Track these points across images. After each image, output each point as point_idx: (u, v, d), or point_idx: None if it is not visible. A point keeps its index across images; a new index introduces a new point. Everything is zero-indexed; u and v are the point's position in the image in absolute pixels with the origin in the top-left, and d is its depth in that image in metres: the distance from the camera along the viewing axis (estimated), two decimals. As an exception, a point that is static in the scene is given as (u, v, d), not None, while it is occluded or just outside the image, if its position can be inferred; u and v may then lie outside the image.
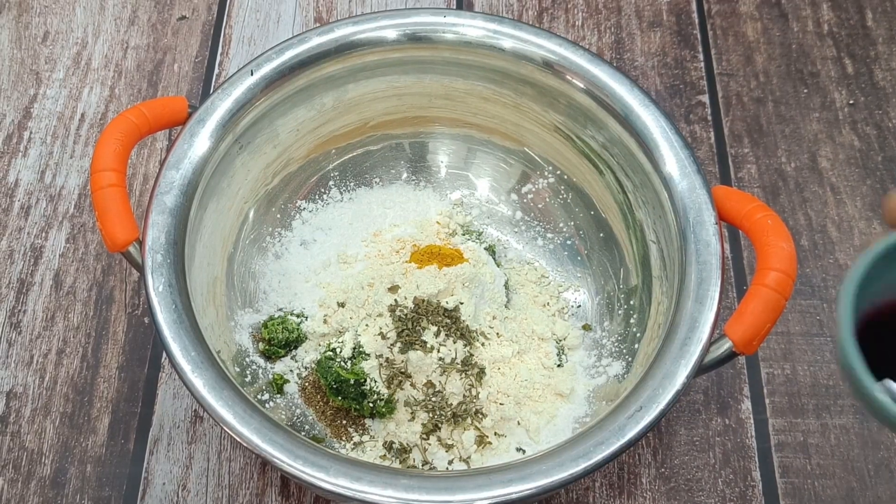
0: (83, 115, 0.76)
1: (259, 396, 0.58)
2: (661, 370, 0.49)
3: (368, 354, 0.57)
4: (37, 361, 0.64)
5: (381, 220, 0.68)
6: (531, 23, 0.80)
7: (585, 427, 0.50)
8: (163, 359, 0.65)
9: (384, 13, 0.62)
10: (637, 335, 0.59)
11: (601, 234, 0.65)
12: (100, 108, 0.76)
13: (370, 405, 0.57)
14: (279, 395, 0.59)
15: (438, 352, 0.57)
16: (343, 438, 0.58)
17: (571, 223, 0.67)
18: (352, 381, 0.57)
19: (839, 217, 0.71)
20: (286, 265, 0.65)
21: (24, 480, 0.60)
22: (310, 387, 0.60)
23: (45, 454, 0.61)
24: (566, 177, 0.66)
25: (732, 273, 0.68)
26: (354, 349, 0.58)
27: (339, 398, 0.58)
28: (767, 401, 0.63)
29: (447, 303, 0.58)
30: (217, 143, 0.58)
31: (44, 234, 0.70)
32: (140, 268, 0.52)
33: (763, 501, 0.60)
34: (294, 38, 0.61)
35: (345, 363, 0.57)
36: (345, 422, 0.59)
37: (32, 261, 0.68)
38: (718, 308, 0.51)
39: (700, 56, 0.80)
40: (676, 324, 0.51)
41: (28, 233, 0.70)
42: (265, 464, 0.60)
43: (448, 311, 0.58)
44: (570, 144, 0.64)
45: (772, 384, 0.64)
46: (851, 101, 0.77)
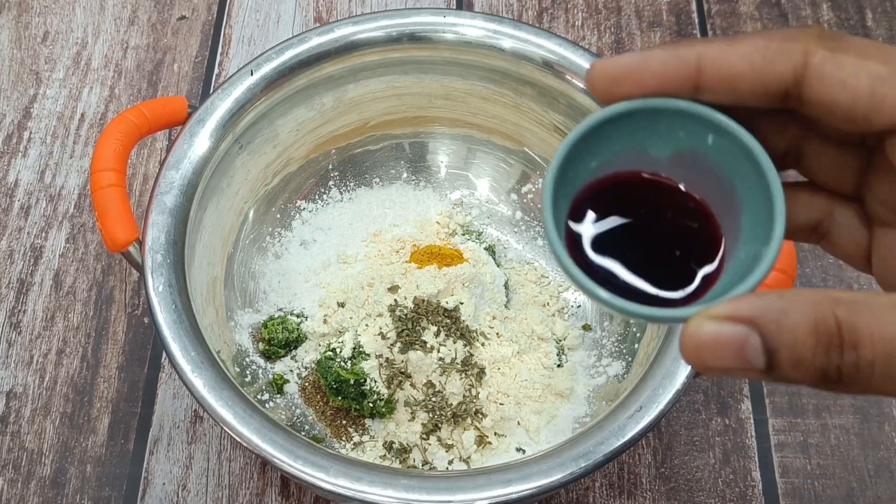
0: (83, 115, 0.76)
1: (259, 396, 0.58)
2: (661, 370, 0.49)
3: (368, 354, 0.57)
4: (37, 361, 0.64)
5: (381, 220, 0.68)
6: (531, 23, 0.80)
7: (585, 427, 0.50)
8: (163, 359, 0.64)
9: (384, 13, 0.62)
10: (637, 335, 0.59)
11: (601, 234, 0.65)
12: (100, 108, 0.76)
13: (370, 405, 0.57)
14: (279, 395, 0.59)
15: (438, 352, 0.57)
16: (343, 438, 0.58)
17: (571, 223, 0.66)
18: (352, 381, 0.57)
19: (839, 217, 0.71)
20: (286, 265, 0.65)
21: (24, 480, 0.60)
22: (310, 387, 0.60)
23: (45, 454, 0.61)
24: (566, 177, 0.66)
25: (732, 273, 0.68)
26: (354, 349, 0.58)
27: (339, 398, 0.58)
28: (767, 401, 0.63)
29: (447, 303, 0.58)
30: (217, 143, 0.57)
31: (44, 234, 0.70)
32: (140, 268, 0.52)
33: (763, 501, 0.60)
34: (294, 38, 0.61)
35: (345, 363, 0.57)
36: (345, 422, 0.59)
37: (32, 261, 0.68)
38: (719, 308, 0.51)
39: (700, 56, 0.79)
40: (676, 323, 0.51)
41: (28, 233, 0.70)
42: (265, 464, 0.60)
43: (448, 311, 0.58)
44: (570, 144, 0.64)
45: (771, 384, 0.64)
46: (851, 101, 0.77)
